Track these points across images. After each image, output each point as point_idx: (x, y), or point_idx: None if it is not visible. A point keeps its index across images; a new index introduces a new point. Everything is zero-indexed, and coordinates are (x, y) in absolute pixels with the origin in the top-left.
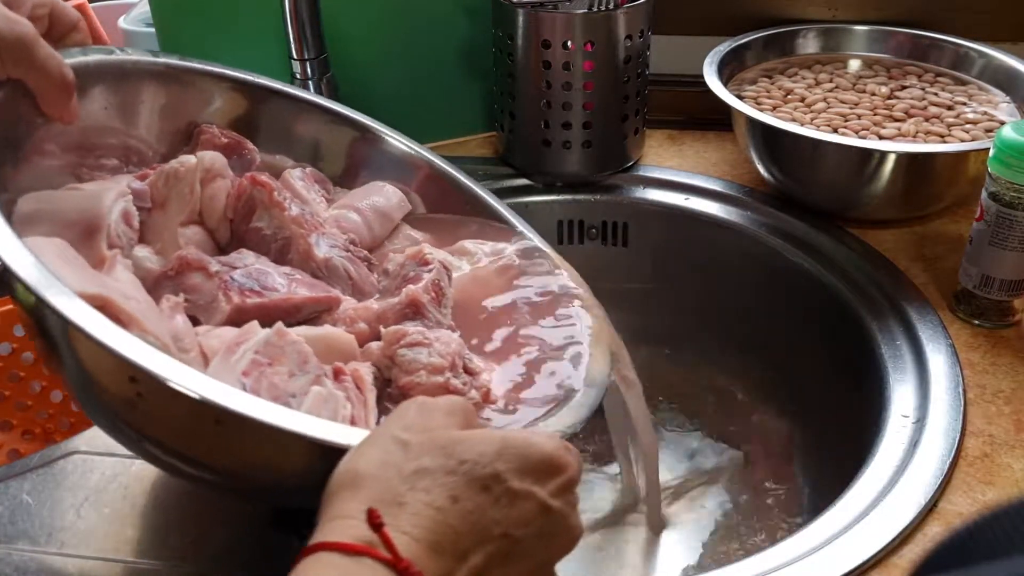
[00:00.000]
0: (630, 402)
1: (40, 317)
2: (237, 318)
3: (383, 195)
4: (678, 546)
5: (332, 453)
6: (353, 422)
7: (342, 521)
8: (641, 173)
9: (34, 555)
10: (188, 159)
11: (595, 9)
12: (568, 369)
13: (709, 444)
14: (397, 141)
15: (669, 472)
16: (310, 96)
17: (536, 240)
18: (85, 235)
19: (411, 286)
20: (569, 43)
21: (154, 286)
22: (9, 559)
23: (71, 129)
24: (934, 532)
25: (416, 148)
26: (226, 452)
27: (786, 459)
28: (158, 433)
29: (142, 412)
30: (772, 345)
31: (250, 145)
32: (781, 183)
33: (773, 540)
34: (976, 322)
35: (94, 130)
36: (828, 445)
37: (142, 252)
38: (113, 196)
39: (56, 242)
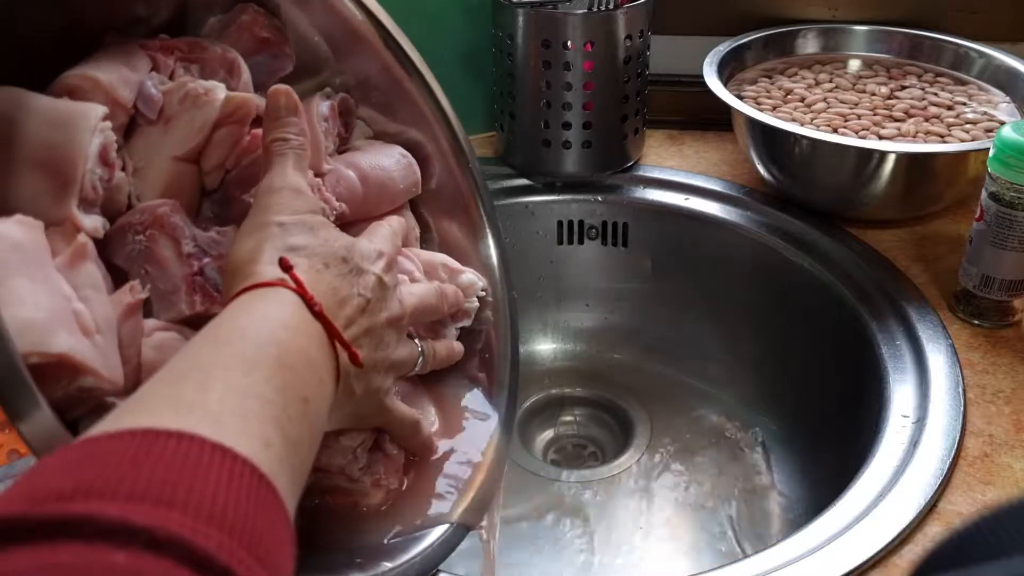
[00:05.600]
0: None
1: None
2: (194, 318)
3: (398, 170)
4: (672, 543)
5: None
6: None
7: (256, 269)
8: (641, 173)
9: None
10: (218, 90)
11: (595, 9)
12: (447, 494)
13: (707, 443)
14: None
15: (668, 470)
16: (403, 41)
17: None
18: (52, 185)
19: None
20: (569, 43)
21: (117, 231)
22: None
23: None
24: (934, 532)
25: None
26: None
27: (786, 458)
28: None
29: None
30: (772, 345)
31: (289, 50)
32: (781, 183)
33: (771, 540)
34: (976, 322)
35: None
36: (828, 445)
37: (118, 176)
38: (91, 127)
39: (15, 229)
